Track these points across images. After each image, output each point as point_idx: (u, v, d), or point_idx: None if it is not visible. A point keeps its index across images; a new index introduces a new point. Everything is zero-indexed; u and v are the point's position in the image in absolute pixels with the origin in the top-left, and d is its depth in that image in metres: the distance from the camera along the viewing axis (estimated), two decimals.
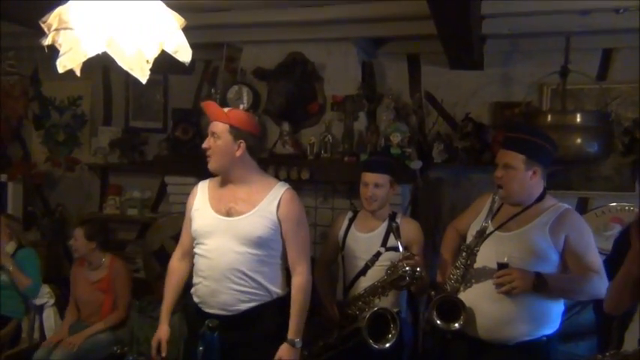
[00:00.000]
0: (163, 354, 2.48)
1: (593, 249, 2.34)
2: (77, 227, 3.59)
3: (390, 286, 2.68)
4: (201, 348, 2.21)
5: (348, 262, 2.87)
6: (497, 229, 2.40)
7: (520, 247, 2.33)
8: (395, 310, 2.78)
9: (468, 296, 2.40)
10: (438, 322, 2.40)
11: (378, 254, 2.79)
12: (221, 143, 2.34)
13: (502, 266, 2.27)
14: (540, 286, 2.24)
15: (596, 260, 2.33)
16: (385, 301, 2.74)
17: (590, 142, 3.27)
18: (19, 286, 3.63)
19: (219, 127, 2.35)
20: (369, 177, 2.83)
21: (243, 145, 2.35)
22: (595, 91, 3.62)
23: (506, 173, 2.37)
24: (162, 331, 2.51)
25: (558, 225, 2.33)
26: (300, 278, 2.41)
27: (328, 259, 3.04)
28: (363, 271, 2.80)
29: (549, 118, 3.38)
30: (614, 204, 3.70)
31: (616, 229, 3.60)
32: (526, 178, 2.36)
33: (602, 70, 3.73)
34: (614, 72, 3.71)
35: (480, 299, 2.37)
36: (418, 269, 2.57)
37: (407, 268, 2.56)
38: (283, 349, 2.36)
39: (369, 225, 2.88)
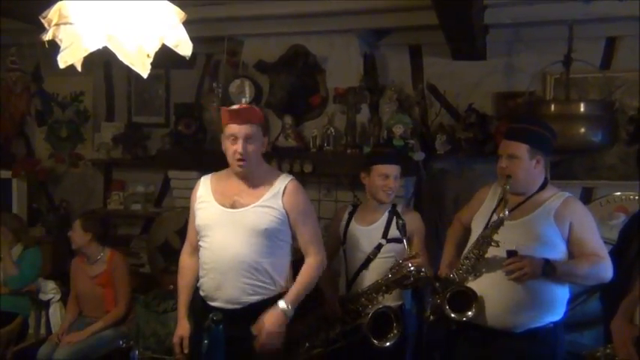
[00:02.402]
0: (186, 351, 2.48)
1: (596, 234, 2.39)
2: (77, 219, 3.57)
3: (394, 285, 2.68)
4: (206, 342, 2.21)
5: (349, 256, 2.86)
6: None
7: (527, 235, 2.36)
8: (399, 302, 2.79)
9: (476, 285, 2.42)
10: (452, 315, 2.40)
11: (379, 246, 2.78)
12: (257, 145, 2.36)
13: (511, 254, 2.29)
14: (549, 271, 2.27)
15: (601, 245, 2.37)
16: (388, 295, 2.74)
17: (594, 131, 3.26)
18: (4, 272, 3.66)
19: (254, 130, 2.33)
20: (391, 169, 2.80)
21: (267, 140, 2.42)
22: (599, 79, 3.60)
23: (510, 163, 2.40)
24: (183, 329, 2.50)
25: (563, 212, 2.36)
26: (313, 258, 2.43)
27: (329, 253, 3.03)
28: (366, 264, 2.79)
29: (553, 107, 3.37)
30: (619, 193, 3.69)
31: (621, 219, 3.59)
32: (530, 167, 2.40)
33: (606, 59, 3.70)
34: (618, 60, 3.69)
35: (488, 287, 2.39)
36: (423, 269, 2.58)
37: (412, 268, 2.56)
38: (269, 313, 2.32)
39: (369, 217, 2.87)
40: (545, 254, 2.30)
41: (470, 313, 2.37)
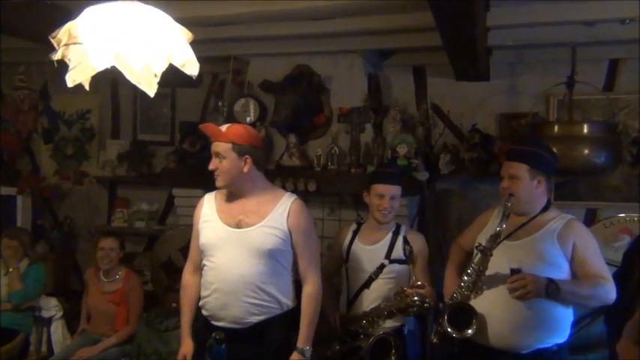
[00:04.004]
0: None
1: (599, 256, 2.39)
2: (109, 238, 3.61)
3: (397, 312, 2.68)
4: None
5: (352, 275, 2.85)
6: (505, 238, 2.42)
7: (530, 255, 2.36)
8: (398, 324, 2.77)
9: (480, 304, 2.41)
10: (449, 329, 2.38)
11: (382, 267, 2.77)
12: (227, 163, 2.35)
13: (515, 272, 2.29)
14: (553, 291, 2.26)
15: (604, 266, 2.38)
16: (389, 319, 2.73)
17: (597, 152, 3.26)
18: (8, 287, 3.67)
19: (221, 147, 2.35)
20: (386, 189, 2.79)
21: (249, 160, 2.36)
22: (602, 101, 3.61)
23: (512, 183, 2.42)
24: (187, 347, 2.48)
25: (566, 233, 2.37)
26: (312, 287, 2.42)
27: (331, 270, 3.02)
28: (367, 284, 2.78)
29: (556, 128, 3.37)
30: (623, 215, 3.68)
31: (625, 241, 3.57)
32: (532, 187, 2.42)
33: (609, 81, 3.73)
34: (621, 82, 3.71)
35: (492, 306, 2.38)
36: (427, 300, 2.57)
37: (416, 298, 2.56)
38: (294, 358, 2.36)
39: (373, 237, 2.87)
40: (548, 274, 2.30)
41: (470, 330, 2.35)
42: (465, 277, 2.45)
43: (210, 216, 2.45)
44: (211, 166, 2.38)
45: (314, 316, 2.42)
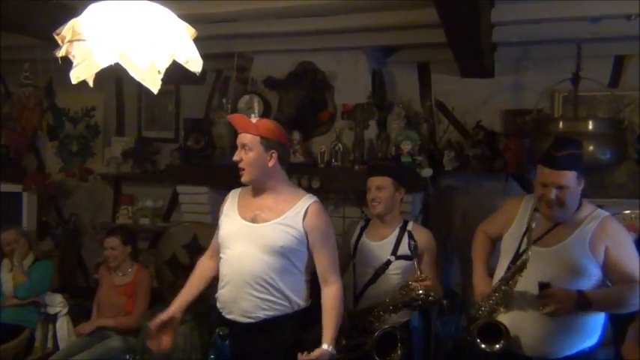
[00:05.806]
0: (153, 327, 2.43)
1: (634, 258, 2.25)
2: (108, 237, 3.64)
3: (402, 306, 2.67)
4: (212, 356, 2.21)
5: (358, 270, 2.87)
6: (533, 243, 2.29)
7: (560, 264, 2.25)
8: (405, 319, 2.78)
9: (508, 316, 2.35)
10: (483, 345, 2.34)
11: (388, 262, 2.78)
12: (253, 155, 2.35)
13: (543, 286, 2.19)
14: (583, 305, 2.18)
15: (637, 270, 2.24)
16: (395, 314, 2.72)
17: (602, 149, 3.24)
18: (13, 280, 3.71)
19: (249, 139, 2.35)
20: (371, 180, 2.87)
21: (275, 155, 2.37)
22: (607, 98, 3.59)
23: (561, 193, 2.23)
24: (166, 314, 2.45)
25: (598, 238, 2.24)
26: (334, 287, 2.40)
27: (341, 267, 3.02)
28: (373, 279, 2.79)
29: (561, 125, 3.36)
30: (629, 211, 3.66)
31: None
32: (577, 192, 2.26)
33: (615, 77, 3.71)
34: (626, 79, 3.69)
35: (521, 318, 2.31)
36: (432, 293, 2.56)
37: (420, 292, 2.55)
38: (321, 351, 2.28)
39: (380, 233, 2.88)
40: (578, 284, 2.22)
41: (498, 346, 2.30)
42: (495, 293, 2.38)
43: (230, 210, 2.49)
44: (236, 157, 2.37)
45: (338, 317, 2.39)
